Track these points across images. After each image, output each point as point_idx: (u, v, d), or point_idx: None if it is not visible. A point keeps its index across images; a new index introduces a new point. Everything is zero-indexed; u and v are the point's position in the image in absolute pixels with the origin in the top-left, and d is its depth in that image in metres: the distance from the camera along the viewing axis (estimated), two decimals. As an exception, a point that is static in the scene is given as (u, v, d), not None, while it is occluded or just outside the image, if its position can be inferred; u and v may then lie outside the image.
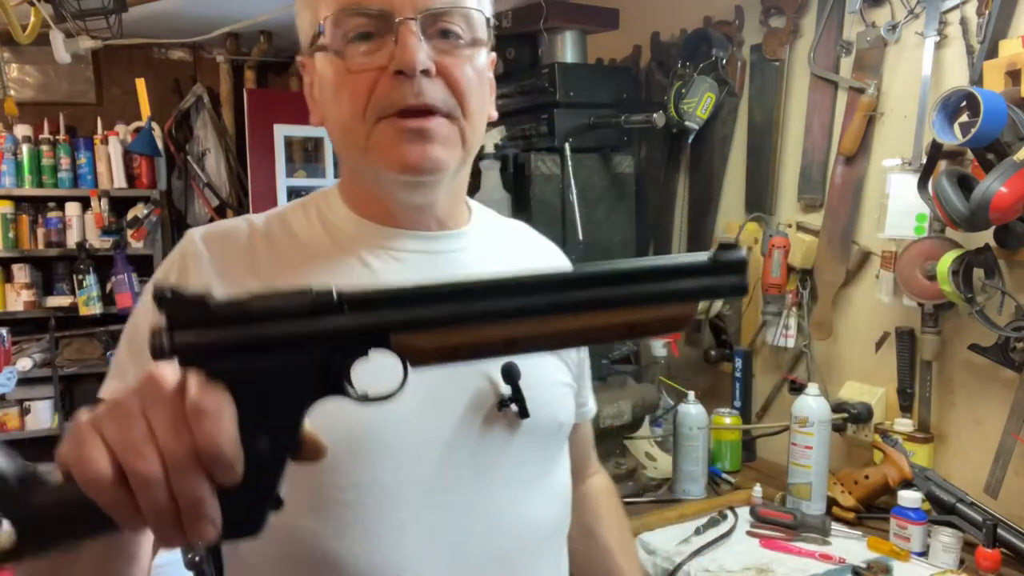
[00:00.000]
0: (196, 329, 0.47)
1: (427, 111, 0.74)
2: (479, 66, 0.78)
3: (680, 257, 0.51)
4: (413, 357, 0.49)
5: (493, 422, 0.79)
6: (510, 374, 0.79)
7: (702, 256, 0.49)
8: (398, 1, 0.72)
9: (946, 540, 1.46)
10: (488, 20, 0.79)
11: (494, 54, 0.85)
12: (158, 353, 0.47)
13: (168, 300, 0.46)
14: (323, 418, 0.71)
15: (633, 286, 0.49)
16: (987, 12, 1.59)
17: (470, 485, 0.78)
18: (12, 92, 3.33)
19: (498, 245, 0.89)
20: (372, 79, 0.74)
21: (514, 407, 0.79)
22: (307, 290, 0.48)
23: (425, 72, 0.73)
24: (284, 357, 0.48)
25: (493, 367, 0.80)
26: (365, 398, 0.51)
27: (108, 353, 3.33)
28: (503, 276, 0.49)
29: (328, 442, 0.68)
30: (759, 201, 2.19)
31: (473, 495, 0.78)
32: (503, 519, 0.79)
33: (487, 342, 0.49)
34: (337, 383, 0.50)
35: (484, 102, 0.80)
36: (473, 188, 2.27)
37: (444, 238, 0.83)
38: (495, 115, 0.86)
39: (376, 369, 0.51)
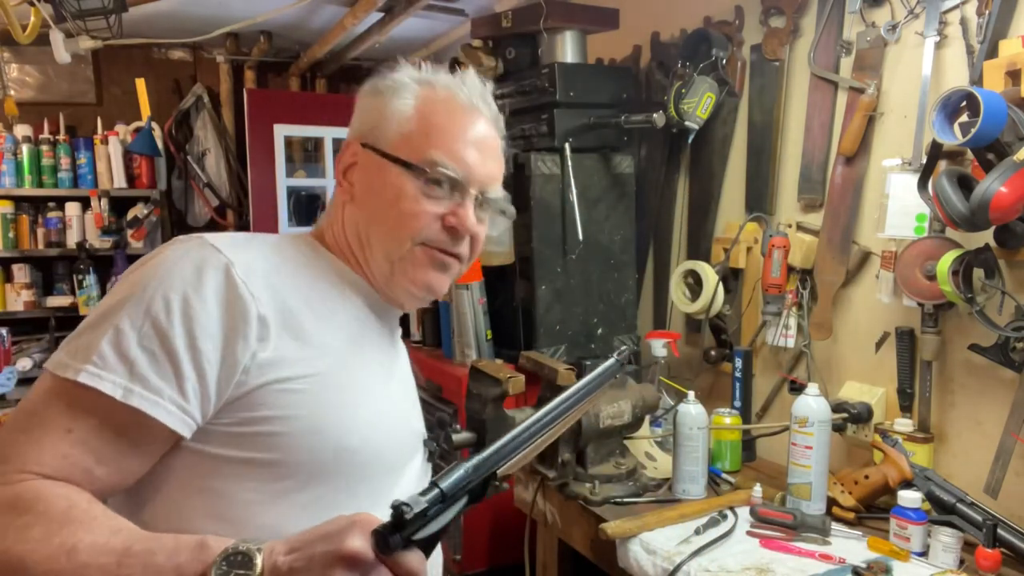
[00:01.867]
0: (412, 530, 0.67)
1: (454, 256, 0.98)
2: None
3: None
4: (504, 478, 0.78)
5: (420, 444, 1.06)
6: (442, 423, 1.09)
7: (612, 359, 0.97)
8: (475, 178, 0.97)
9: (946, 540, 1.46)
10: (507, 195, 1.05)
11: None
12: (385, 550, 0.66)
13: (414, 516, 0.66)
14: (367, 437, 0.93)
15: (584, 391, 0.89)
16: (987, 12, 1.59)
17: (420, 486, 0.93)
18: (12, 92, 3.33)
19: None
20: (432, 216, 0.95)
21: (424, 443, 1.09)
22: (462, 463, 0.71)
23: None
24: (453, 510, 0.70)
25: (416, 418, 1.08)
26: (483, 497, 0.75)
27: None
28: (537, 418, 0.82)
29: (366, 458, 0.91)
30: (759, 201, 2.19)
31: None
32: None
33: (535, 453, 0.83)
34: (473, 501, 0.73)
35: None
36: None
37: (396, 314, 1.08)
38: None
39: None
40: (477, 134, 0.98)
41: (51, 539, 0.71)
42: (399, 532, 0.65)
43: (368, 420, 0.91)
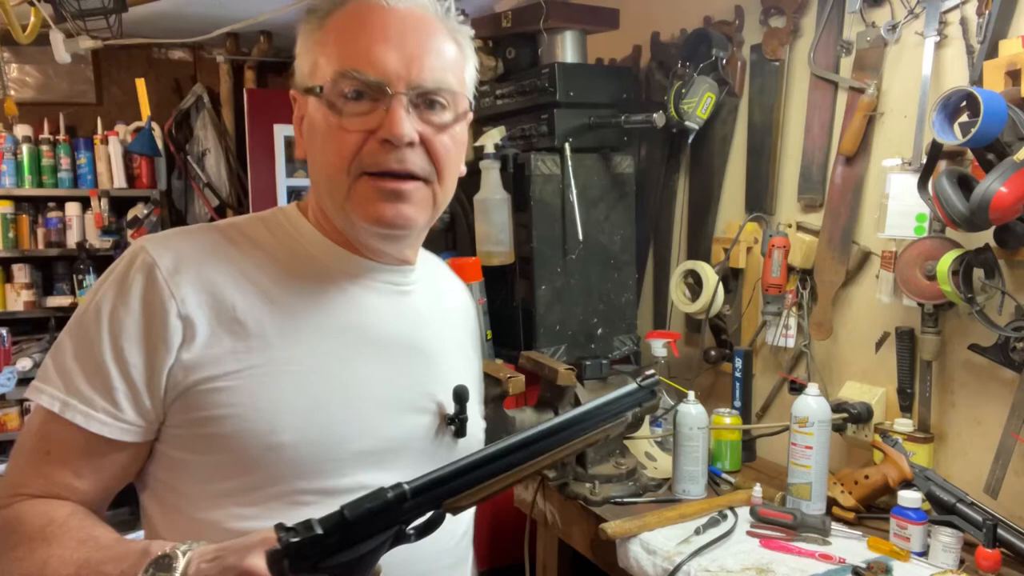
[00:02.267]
0: (310, 557, 0.61)
1: (406, 175, 0.83)
2: (458, 135, 0.87)
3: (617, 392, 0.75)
4: (455, 510, 0.67)
5: (438, 439, 0.92)
6: (461, 397, 0.92)
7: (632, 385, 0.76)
8: (394, 75, 0.81)
9: (946, 540, 1.46)
10: (471, 104, 0.90)
11: (471, 112, 0.93)
12: (280, 573, 0.61)
13: (291, 545, 0.60)
14: (302, 432, 0.81)
15: (587, 422, 0.73)
16: (987, 12, 1.59)
17: None
18: (12, 92, 3.33)
19: (430, 278, 1.02)
20: (361, 139, 0.82)
21: (452, 427, 0.92)
22: (384, 491, 0.64)
23: (410, 143, 0.81)
24: (371, 541, 0.63)
25: (438, 391, 0.92)
26: (412, 536, 0.66)
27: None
28: (512, 441, 0.69)
29: (305, 454, 0.82)
30: (759, 201, 2.19)
31: None
32: (428, 542, 0.75)
33: (509, 486, 0.69)
34: (402, 539, 0.66)
35: (458, 167, 0.90)
36: (474, 188, 2.28)
37: (406, 271, 0.95)
38: (464, 170, 0.95)
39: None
40: (391, 25, 0.82)
41: (32, 556, 0.75)
42: (286, 557, 0.60)
43: (306, 413, 0.81)
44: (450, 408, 0.93)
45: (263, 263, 0.87)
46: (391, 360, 0.90)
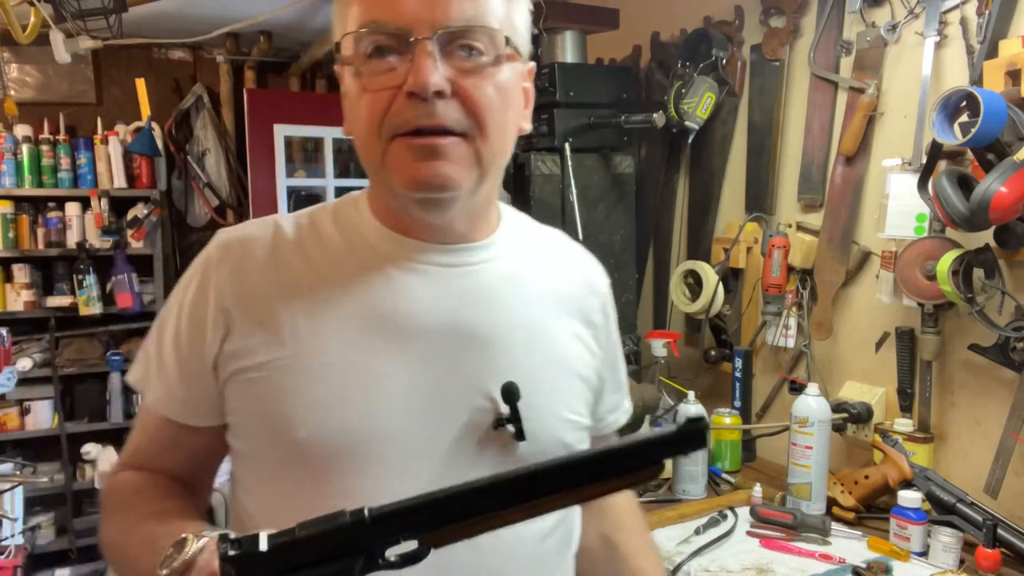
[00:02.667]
0: (255, 570, 0.56)
1: (440, 131, 0.74)
2: (502, 82, 0.76)
3: (652, 434, 0.59)
4: (436, 544, 0.59)
5: (489, 441, 0.79)
6: (510, 394, 0.78)
7: (671, 429, 0.58)
8: (415, 20, 0.72)
9: (946, 540, 1.46)
10: (509, 39, 0.77)
11: (532, 64, 0.84)
12: None
13: (230, 559, 0.55)
14: (317, 428, 0.75)
15: (609, 466, 0.58)
16: (987, 12, 1.59)
17: None
18: (12, 92, 3.33)
19: (524, 256, 0.89)
20: (388, 97, 0.74)
21: (511, 428, 0.78)
22: (343, 514, 0.57)
23: (439, 93, 0.72)
24: (327, 566, 0.57)
25: (494, 385, 0.79)
26: (393, 565, 0.58)
27: (108, 353, 3.32)
28: (513, 474, 0.57)
29: (322, 451, 0.76)
30: (759, 201, 2.19)
31: None
32: (497, 540, 0.73)
33: (505, 524, 0.59)
34: (372, 566, 0.58)
35: (507, 118, 0.79)
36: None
37: (466, 250, 0.84)
38: (527, 128, 0.86)
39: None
40: None
41: (118, 520, 0.83)
42: (235, 566, 0.57)
43: (323, 408, 0.77)
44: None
45: (313, 253, 0.83)
46: (432, 351, 0.79)
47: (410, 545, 0.58)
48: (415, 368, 0.79)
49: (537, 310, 0.86)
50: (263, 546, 0.56)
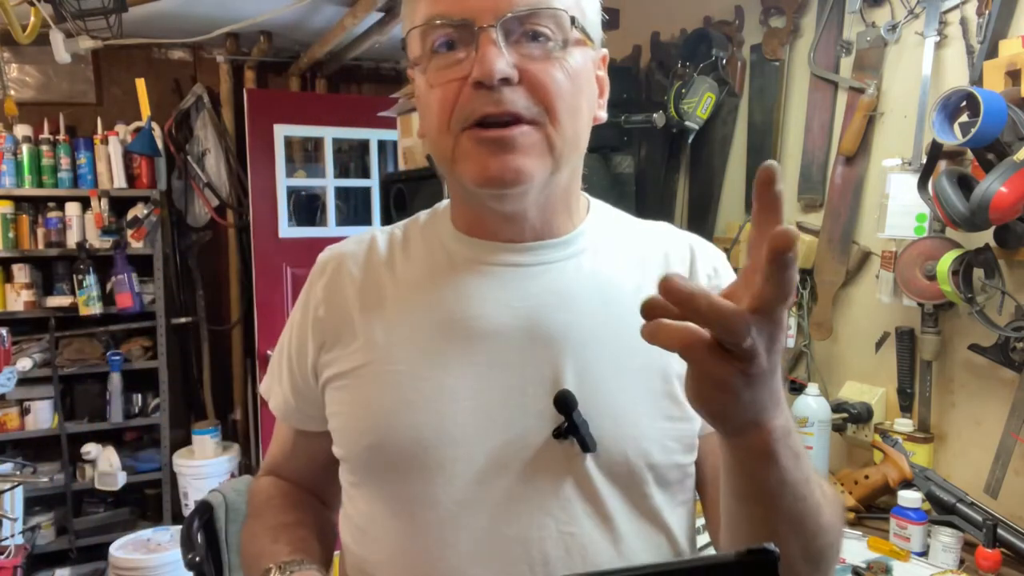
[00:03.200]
0: None
1: (509, 120, 0.71)
2: (573, 68, 0.74)
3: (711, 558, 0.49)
4: None
5: (553, 451, 0.74)
6: (565, 403, 0.73)
7: (730, 555, 0.47)
8: (478, 9, 0.71)
9: (946, 540, 1.46)
10: (576, 20, 0.75)
11: (605, 51, 0.84)
12: None
13: None
14: (382, 436, 0.76)
15: None
16: (987, 12, 1.59)
17: (520, 511, 0.74)
18: (12, 92, 3.33)
19: (613, 252, 0.84)
20: (456, 90, 0.72)
21: (573, 438, 0.73)
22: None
23: (506, 81, 0.70)
24: None
25: (575, 388, 0.75)
26: None
27: (108, 353, 3.32)
28: None
29: (387, 458, 0.78)
30: (759, 201, 2.19)
31: (523, 521, 0.74)
32: (566, 555, 0.74)
33: None
34: None
35: (579, 105, 0.76)
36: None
37: (542, 248, 0.81)
38: (603, 117, 0.84)
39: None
40: None
41: (251, 529, 0.90)
42: None
43: (392, 415, 0.76)
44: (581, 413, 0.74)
45: (399, 264, 0.84)
46: (501, 356, 0.76)
47: None
48: (483, 373, 0.76)
49: (623, 310, 0.78)
50: None
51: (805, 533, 0.63)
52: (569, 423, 0.73)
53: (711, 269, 0.85)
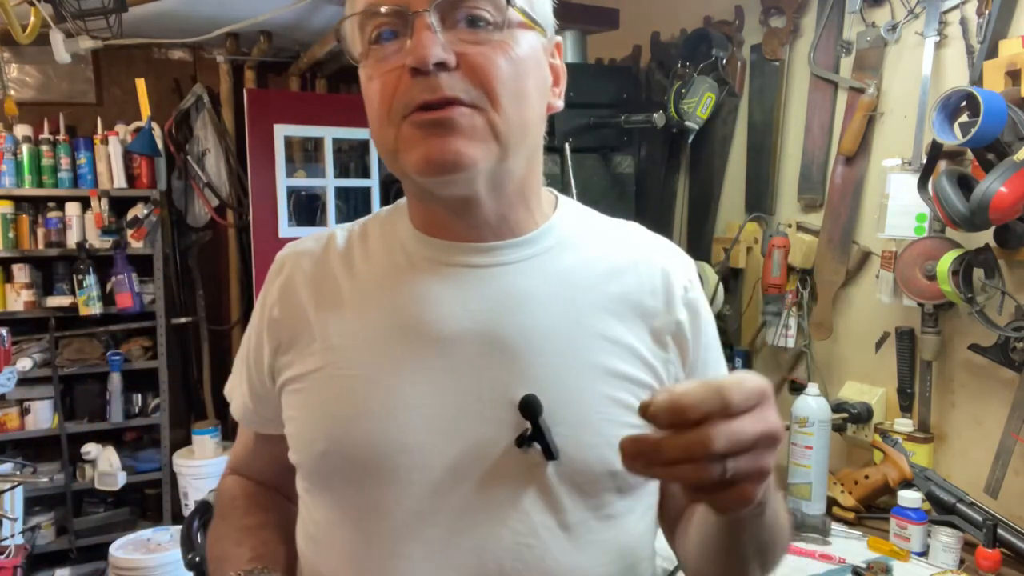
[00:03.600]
0: None
1: (446, 104, 0.68)
2: (515, 52, 0.71)
3: None
4: None
5: (512, 459, 0.72)
6: (531, 408, 0.71)
7: None
8: None
9: (946, 540, 1.46)
10: (513, 0, 0.71)
11: (559, 39, 0.80)
12: None
13: None
14: (335, 442, 0.75)
15: None
16: (987, 12, 1.59)
17: (476, 521, 0.72)
18: (12, 92, 3.33)
19: (579, 253, 0.80)
20: (394, 80, 0.70)
21: (537, 445, 0.71)
22: None
23: (442, 65, 0.68)
24: None
25: (519, 397, 0.72)
26: None
27: (108, 353, 3.32)
28: None
29: (339, 465, 0.76)
30: (759, 201, 2.19)
31: (479, 532, 0.72)
32: (522, 566, 0.72)
33: None
34: None
35: (524, 90, 0.72)
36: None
37: (501, 248, 0.77)
38: (559, 105, 0.80)
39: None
40: None
41: (216, 532, 0.90)
42: None
43: (346, 421, 0.74)
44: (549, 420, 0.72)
45: (357, 263, 0.81)
46: (458, 360, 0.74)
47: None
48: (440, 379, 0.74)
49: (586, 312, 0.76)
50: None
51: (771, 554, 0.71)
52: (535, 429, 0.71)
53: (682, 290, 0.82)
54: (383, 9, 0.69)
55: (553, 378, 0.74)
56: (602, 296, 0.78)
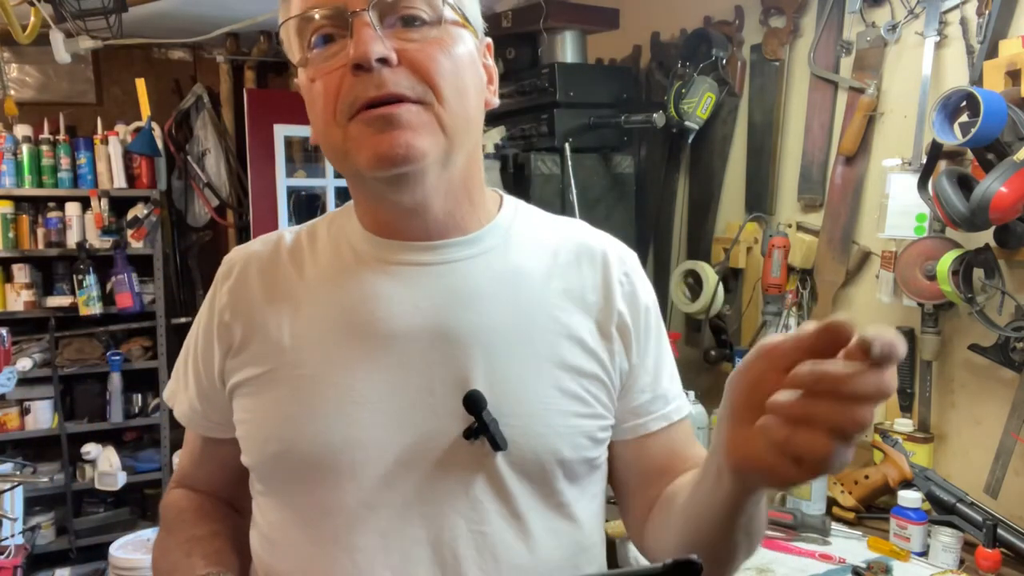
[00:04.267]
0: None
1: (392, 100, 0.70)
2: (452, 49, 0.73)
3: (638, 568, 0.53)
4: None
5: (467, 451, 0.74)
6: (474, 403, 0.73)
7: (657, 567, 0.51)
8: None
9: (946, 540, 1.46)
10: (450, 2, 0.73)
11: (489, 39, 0.83)
12: None
13: None
14: (288, 442, 0.75)
15: None
16: (987, 12, 1.59)
17: (428, 510, 0.74)
18: (12, 92, 3.33)
19: (524, 250, 0.82)
20: (338, 79, 0.71)
21: (484, 438, 0.73)
22: None
23: (384, 61, 0.69)
24: None
25: (483, 388, 0.74)
26: None
27: (108, 353, 3.32)
28: None
29: (294, 465, 0.76)
30: (759, 201, 2.19)
31: (431, 520, 0.74)
32: (476, 554, 0.74)
33: None
34: None
35: (463, 85, 0.74)
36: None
37: (448, 247, 0.79)
38: (495, 102, 0.82)
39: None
40: None
41: (162, 540, 0.88)
42: None
43: (297, 422, 0.76)
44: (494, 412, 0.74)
45: (306, 265, 0.82)
46: (408, 357, 0.76)
47: None
48: (390, 376, 0.75)
49: (532, 306, 0.79)
50: None
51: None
52: (479, 423, 0.73)
53: (621, 275, 0.84)
54: (322, 12, 0.71)
55: (502, 371, 0.76)
56: (547, 291, 0.80)
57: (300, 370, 0.77)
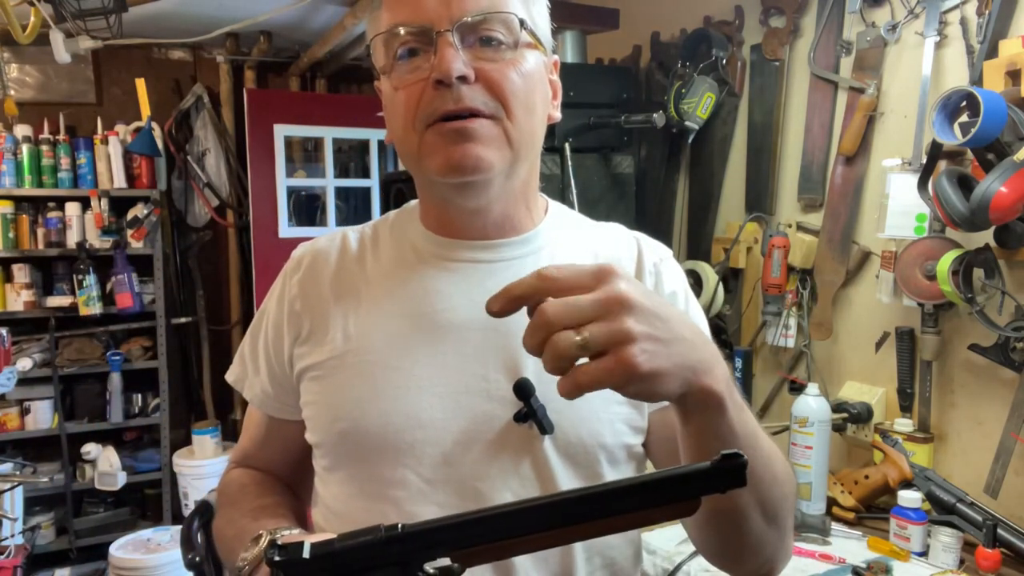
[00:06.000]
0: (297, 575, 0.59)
1: (468, 114, 0.78)
2: (524, 68, 0.81)
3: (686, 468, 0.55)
4: (468, 563, 0.58)
5: (517, 434, 0.81)
6: (523, 390, 0.80)
7: (705, 464, 0.54)
8: (436, 16, 0.77)
9: (946, 540, 1.46)
10: (524, 22, 0.81)
11: (556, 56, 0.92)
12: None
13: (275, 563, 0.58)
14: (355, 421, 0.83)
15: (643, 496, 0.55)
16: (987, 12, 1.59)
17: (483, 486, 0.81)
18: (12, 92, 3.33)
19: (570, 250, 0.90)
20: (419, 91, 0.79)
21: (532, 422, 0.80)
22: (379, 528, 0.59)
23: (463, 79, 0.77)
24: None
25: (531, 376, 0.80)
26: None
27: (108, 353, 3.32)
28: (545, 500, 0.57)
29: (360, 442, 0.83)
30: (759, 201, 2.19)
31: (485, 495, 0.80)
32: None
33: (535, 549, 0.58)
34: None
35: (533, 103, 0.82)
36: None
37: (504, 246, 0.87)
38: (557, 116, 0.91)
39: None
40: None
41: (225, 513, 0.92)
42: (279, 570, 0.59)
43: (363, 402, 0.83)
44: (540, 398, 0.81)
45: (369, 261, 0.90)
46: (465, 346, 0.83)
47: (445, 560, 0.58)
48: (449, 363, 0.83)
49: None
50: (306, 554, 0.59)
51: (759, 483, 0.68)
52: (527, 408, 0.80)
53: (652, 265, 0.92)
54: (409, 29, 0.79)
55: None
56: None
57: (366, 356, 0.84)
